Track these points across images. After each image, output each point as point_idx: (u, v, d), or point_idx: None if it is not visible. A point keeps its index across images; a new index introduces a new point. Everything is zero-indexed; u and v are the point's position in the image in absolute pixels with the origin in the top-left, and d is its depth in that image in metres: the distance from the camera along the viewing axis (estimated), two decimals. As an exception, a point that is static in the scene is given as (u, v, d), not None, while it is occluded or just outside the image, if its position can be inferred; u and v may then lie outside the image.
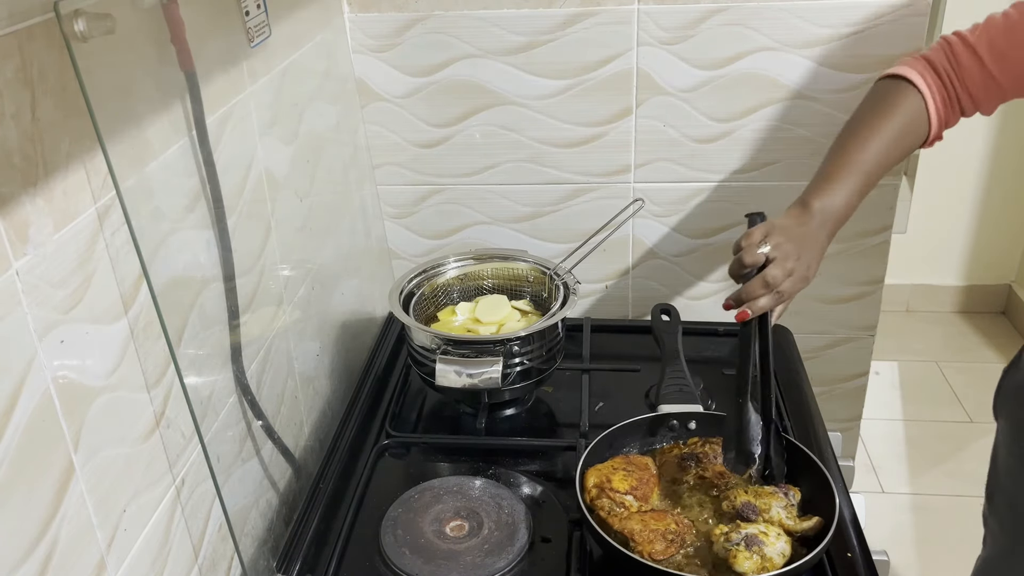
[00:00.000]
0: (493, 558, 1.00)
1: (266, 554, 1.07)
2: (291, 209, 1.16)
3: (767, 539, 0.92)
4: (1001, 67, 1.03)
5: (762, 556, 0.90)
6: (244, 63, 1.01)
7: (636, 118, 1.42)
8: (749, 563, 0.90)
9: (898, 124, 1.07)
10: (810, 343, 1.58)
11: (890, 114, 1.07)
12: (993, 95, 1.06)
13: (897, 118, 1.07)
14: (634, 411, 1.15)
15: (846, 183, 1.04)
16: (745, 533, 0.92)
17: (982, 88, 1.06)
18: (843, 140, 1.09)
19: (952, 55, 1.07)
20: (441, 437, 1.26)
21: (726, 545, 0.92)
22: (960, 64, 1.06)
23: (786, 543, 0.93)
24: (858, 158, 1.05)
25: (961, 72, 1.06)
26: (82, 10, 0.68)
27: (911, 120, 1.07)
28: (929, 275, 3.06)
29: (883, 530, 2.16)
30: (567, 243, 1.48)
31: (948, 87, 1.07)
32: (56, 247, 0.68)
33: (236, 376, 1.00)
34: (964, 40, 1.06)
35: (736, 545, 0.92)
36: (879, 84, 1.12)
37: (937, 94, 1.07)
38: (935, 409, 2.60)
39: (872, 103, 1.10)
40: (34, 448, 0.65)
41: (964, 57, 1.06)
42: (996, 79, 1.04)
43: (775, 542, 0.92)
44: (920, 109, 1.07)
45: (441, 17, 1.38)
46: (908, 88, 1.08)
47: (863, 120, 1.09)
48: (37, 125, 0.66)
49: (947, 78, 1.07)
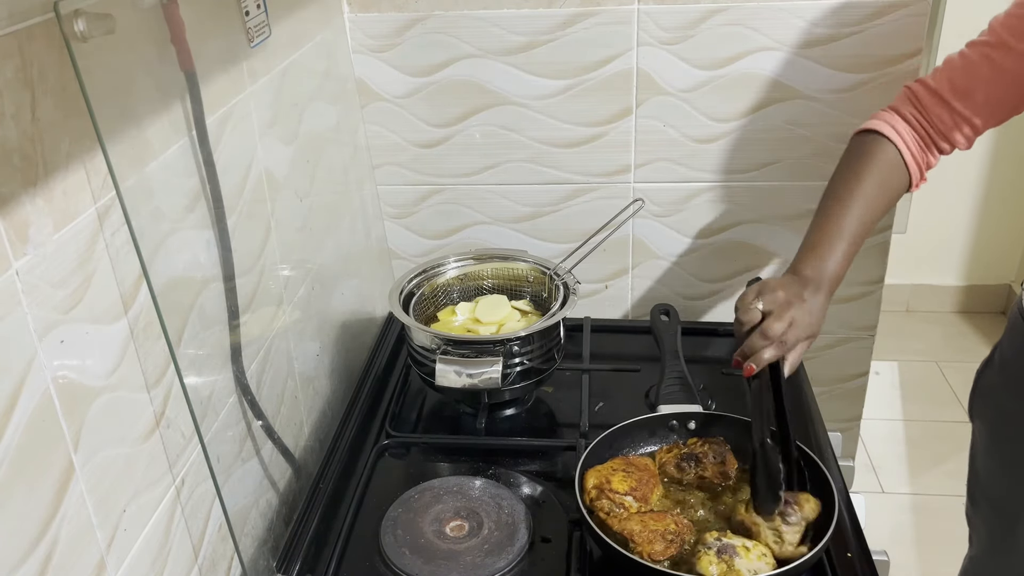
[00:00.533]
0: (493, 558, 1.00)
1: (266, 554, 1.07)
2: (291, 209, 1.16)
3: (745, 553, 0.91)
4: (968, 104, 1.05)
5: (729, 566, 0.90)
6: (244, 63, 1.01)
7: (636, 118, 1.42)
8: (714, 567, 0.89)
9: (876, 180, 1.08)
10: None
11: (867, 171, 1.09)
12: (967, 131, 1.08)
13: (874, 174, 1.08)
14: (634, 411, 1.15)
15: (834, 250, 1.06)
16: (724, 542, 0.92)
17: (953, 127, 1.07)
18: (826, 205, 1.10)
19: (917, 101, 1.09)
20: (441, 437, 1.26)
21: (700, 546, 0.92)
22: (926, 108, 1.08)
23: (766, 564, 0.91)
24: (841, 224, 1.07)
25: (929, 115, 1.08)
26: (82, 10, 0.68)
27: (889, 173, 1.09)
28: (929, 275, 3.06)
29: (883, 530, 2.16)
30: (567, 243, 1.48)
31: (919, 131, 1.09)
32: (56, 247, 0.68)
33: (236, 376, 1.00)
34: (926, 85, 1.09)
35: (708, 548, 0.91)
36: (853, 141, 1.13)
37: (910, 140, 1.09)
38: (935, 409, 2.61)
39: (848, 162, 1.11)
40: (34, 448, 0.65)
41: (928, 101, 1.08)
42: (966, 117, 1.06)
43: (752, 559, 0.91)
44: (896, 159, 1.09)
45: (441, 17, 1.38)
46: (881, 141, 1.09)
47: (843, 181, 1.10)
48: (37, 125, 0.66)
49: (916, 123, 1.09)
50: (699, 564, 0.90)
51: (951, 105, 1.06)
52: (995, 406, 1.19)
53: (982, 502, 1.24)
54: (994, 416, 1.20)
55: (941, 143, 1.09)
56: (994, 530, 1.23)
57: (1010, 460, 1.17)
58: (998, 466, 1.19)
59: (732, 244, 1.51)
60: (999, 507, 1.20)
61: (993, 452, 1.20)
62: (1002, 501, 1.20)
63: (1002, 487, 1.19)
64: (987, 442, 1.22)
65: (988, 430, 1.21)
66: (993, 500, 1.22)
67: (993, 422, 1.20)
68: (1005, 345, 1.17)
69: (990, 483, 1.22)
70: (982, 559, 1.27)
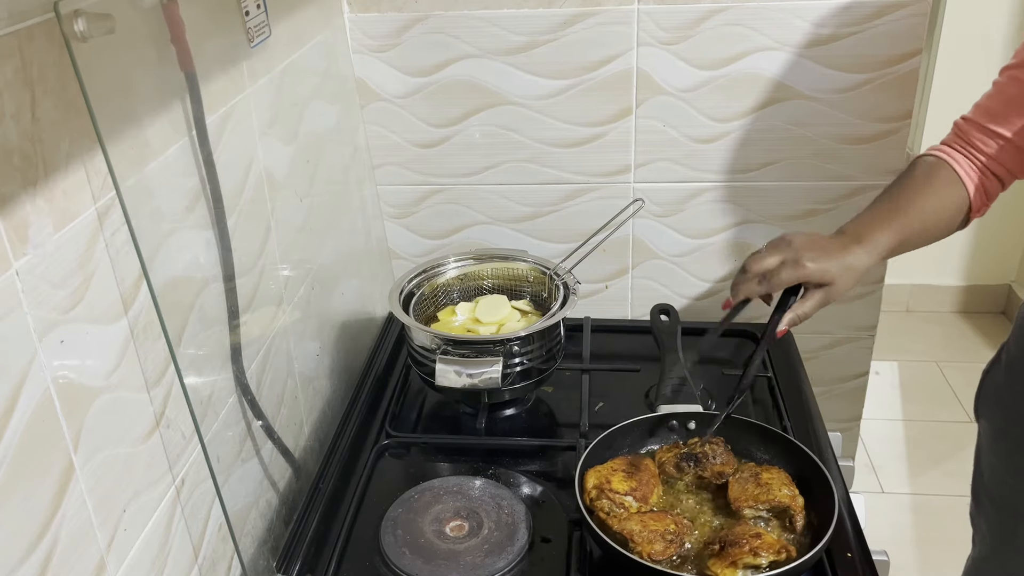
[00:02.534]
0: (493, 558, 1.00)
1: (266, 554, 1.07)
2: (291, 209, 1.16)
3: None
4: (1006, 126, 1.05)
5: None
6: (244, 63, 1.01)
7: (636, 118, 1.42)
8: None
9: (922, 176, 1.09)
10: (810, 343, 1.58)
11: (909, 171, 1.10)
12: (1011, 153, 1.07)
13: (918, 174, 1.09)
14: (634, 411, 1.15)
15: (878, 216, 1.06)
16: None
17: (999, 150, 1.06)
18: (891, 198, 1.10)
19: (960, 132, 1.09)
20: (441, 437, 1.26)
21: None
22: (968, 136, 1.08)
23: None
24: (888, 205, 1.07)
25: (973, 142, 1.08)
26: (82, 10, 0.68)
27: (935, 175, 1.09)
28: (929, 275, 3.06)
29: (883, 530, 2.16)
30: (567, 243, 1.48)
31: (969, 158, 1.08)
32: (56, 247, 0.68)
33: (236, 376, 1.00)
34: (965, 118, 1.09)
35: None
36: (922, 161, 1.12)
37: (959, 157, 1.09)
38: (935, 409, 2.61)
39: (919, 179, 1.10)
40: (34, 448, 0.65)
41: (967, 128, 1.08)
42: (1008, 139, 1.05)
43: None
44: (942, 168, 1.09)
45: (441, 17, 1.38)
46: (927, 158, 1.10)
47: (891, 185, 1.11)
48: (37, 125, 0.66)
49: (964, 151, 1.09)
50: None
51: (989, 128, 1.06)
52: (1001, 406, 1.19)
53: (986, 502, 1.24)
54: (1000, 416, 1.20)
55: (994, 167, 1.08)
56: (998, 531, 1.23)
57: (1015, 460, 1.17)
58: (1003, 466, 1.19)
59: (732, 244, 1.51)
60: (1003, 507, 1.20)
61: (999, 452, 1.20)
62: (1006, 501, 1.20)
63: (1007, 487, 1.19)
64: (992, 442, 1.22)
65: (993, 430, 1.21)
66: (997, 500, 1.22)
67: (999, 422, 1.20)
68: (1012, 345, 1.17)
69: (994, 483, 1.22)
70: (986, 560, 1.27)
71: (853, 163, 1.42)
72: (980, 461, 1.25)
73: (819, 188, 1.45)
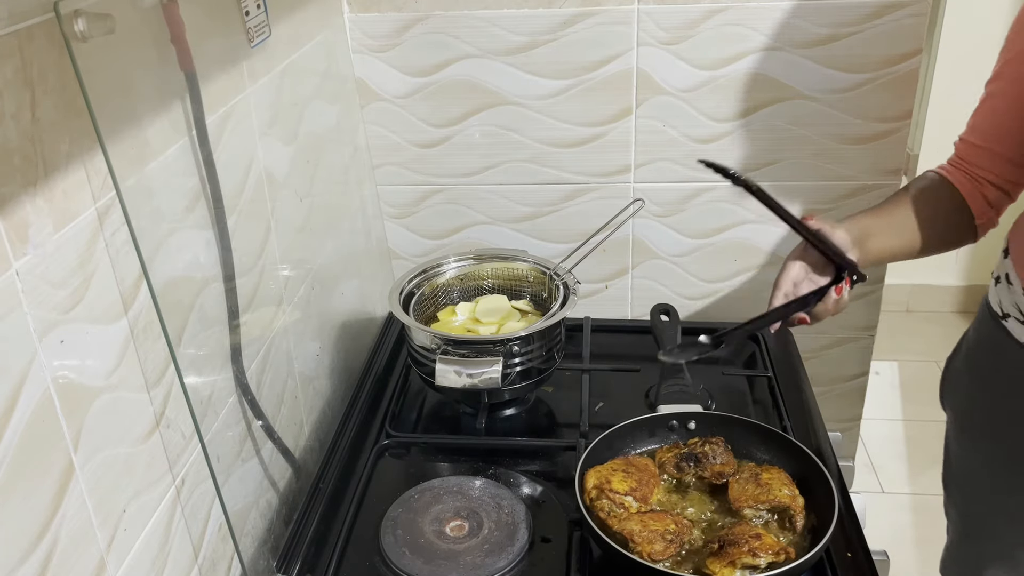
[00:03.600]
0: (493, 558, 1.00)
1: (266, 554, 1.07)
2: (291, 209, 1.16)
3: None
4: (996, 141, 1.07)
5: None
6: (244, 63, 1.01)
7: (636, 118, 1.42)
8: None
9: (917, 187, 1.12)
10: (810, 343, 1.58)
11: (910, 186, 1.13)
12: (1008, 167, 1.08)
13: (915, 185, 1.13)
14: (634, 411, 1.15)
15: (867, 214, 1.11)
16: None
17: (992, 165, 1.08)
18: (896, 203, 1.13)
19: (956, 154, 1.11)
20: (441, 437, 1.26)
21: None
22: (964, 156, 1.10)
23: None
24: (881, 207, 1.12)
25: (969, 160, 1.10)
26: (82, 10, 0.68)
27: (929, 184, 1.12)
28: (929, 275, 3.06)
29: (883, 530, 2.16)
30: (567, 243, 1.48)
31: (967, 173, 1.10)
32: (56, 247, 0.68)
33: (236, 376, 1.00)
34: (960, 138, 1.11)
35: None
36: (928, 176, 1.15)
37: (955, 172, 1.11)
38: (935, 409, 2.58)
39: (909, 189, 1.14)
40: (34, 448, 0.65)
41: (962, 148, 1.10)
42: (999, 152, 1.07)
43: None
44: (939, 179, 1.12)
45: (441, 17, 1.38)
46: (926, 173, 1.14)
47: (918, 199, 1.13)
48: (37, 125, 0.66)
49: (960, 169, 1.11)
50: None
51: (981, 147, 1.08)
52: (963, 394, 1.21)
53: (954, 490, 1.26)
54: (961, 404, 1.22)
55: (993, 179, 1.09)
56: (965, 517, 1.24)
57: (977, 446, 1.18)
58: (966, 453, 1.21)
59: (732, 244, 1.51)
60: (969, 494, 1.22)
61: (962, 440, 1.22)
62: (971, 487, 1.21)
63: (970, 473, 1.21)
64: (956, 430, 1.23)
65: (956, 418, 1.23)
66: (963, 487, 1.23)
67: (961, 410, 1.22)
68: (971, 334, 1.18)
69: (960, 470, 1.23)
70: (957, 547, 1.28)
71: (853, 163, 1.42)
72: (948, 450, 1.27)
73: (819, 188, 1.45)
